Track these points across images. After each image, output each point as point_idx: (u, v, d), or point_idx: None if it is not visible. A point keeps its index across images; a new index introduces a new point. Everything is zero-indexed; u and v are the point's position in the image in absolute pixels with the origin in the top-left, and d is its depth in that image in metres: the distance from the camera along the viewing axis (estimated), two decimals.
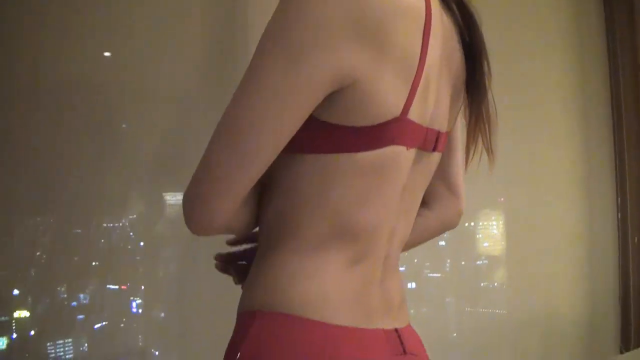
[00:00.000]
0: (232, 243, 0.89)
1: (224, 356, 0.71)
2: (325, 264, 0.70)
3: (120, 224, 1.22)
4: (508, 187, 1.99)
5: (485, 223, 1.90)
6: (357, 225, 0.71)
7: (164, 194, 1.27)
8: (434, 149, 0.78)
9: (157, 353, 1.25)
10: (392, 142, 0.70)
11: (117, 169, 1.22)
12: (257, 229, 0.78)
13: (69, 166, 1.16)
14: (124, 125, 1.25)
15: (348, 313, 0.69)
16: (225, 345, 1.28)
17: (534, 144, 2.09)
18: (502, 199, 1.97)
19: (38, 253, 1.13)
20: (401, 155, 0.72)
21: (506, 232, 1.97)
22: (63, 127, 1.16)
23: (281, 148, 0.67)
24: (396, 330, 0.74)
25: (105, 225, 1.20)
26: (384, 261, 0.77)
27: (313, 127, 0.68)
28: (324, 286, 0.69)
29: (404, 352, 0.73)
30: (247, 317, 0.71)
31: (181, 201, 0.70)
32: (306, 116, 0.66)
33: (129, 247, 1.23)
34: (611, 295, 2.36)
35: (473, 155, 0.82)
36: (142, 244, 1.24)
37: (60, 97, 1.15)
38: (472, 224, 1.87)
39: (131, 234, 1.23)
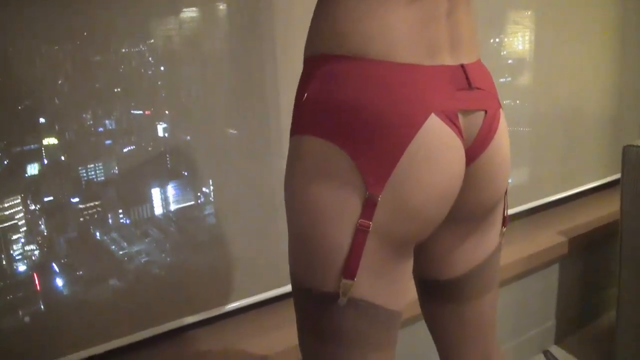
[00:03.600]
0: None
1: (294, 102, 0.76)
2: (385, 2, 0.69)
3: (139, 49, 1.17)
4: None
5: (510, 39, 1.83)
6: None
7: (182, 14, 1.20)
8: None
9: (185, 173, 1.28)
10: None
11: None
12: None
13: None
14: None
15: (410, 50, 0.70)
16: (254, 166, 1.33)
17: None
18: (528, 12, 1.88)
19: (60, 81, 1.10)
20: None
21: (532, 48, 1.91)
22: None
23: None
24: (462, 65, 0.75)
25: (124, 50, 1.16)
26: None
27: None
28: (385, 25, 0.69)
29: (469, 86, 0.75)
30: (311, 62, 0.74)
31: (198, 22, 0.69)
32: None
33: (150, 72, 1.19)
34: (638, 89, 2.38)
35: None
36: (162, 68, 1.20)
37: None
38: (497, 40, 1.81)
39: (150, 58, 1.19)
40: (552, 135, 2.07)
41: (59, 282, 1.19)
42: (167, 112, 1.23)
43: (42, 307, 1.17)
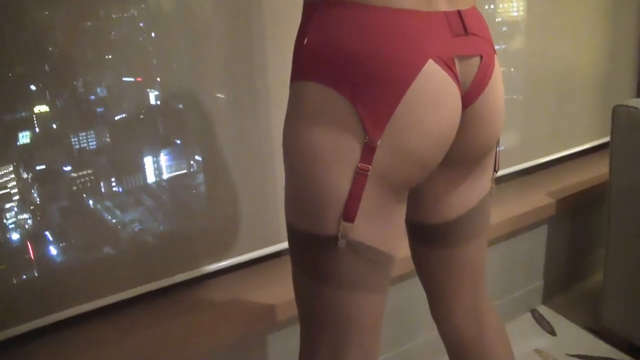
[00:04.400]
0: None
1: (294, 48, 0.76)
2: None
3: (129, 14, 1.15)
4: None
5: (504, 5, 1.81)
6: None
7: None
8: None
9: (179, 142, 1.28)
10: None
11: None
12: None
13: None
14: None
15: None
16: (245, 134, 1.32)
17: None
18: None
19: (50, 48, 1.08)
20: None
21: (524, 11, 1.89)
22: None
23: None
24: (459, 11, 0.76)
25: (114, 16, 1.13)
26: None
27: None
28: None
29: (466, 32, 0.76)
30: (312, 7, 0.75)
31: None
32: None
33: (140, 38, 1.17)
34: (630, 51, 2.37)
35: None
36: (153, 34, 1.18)
37: None
38: (492, 6, 1.79)
39: (141, 24, 1.17)
40: (543, 98, 2.07)
41: (53, 250, 1.19)
42: (158, 79, 1.21)
43: (35, 274, 1.17)
